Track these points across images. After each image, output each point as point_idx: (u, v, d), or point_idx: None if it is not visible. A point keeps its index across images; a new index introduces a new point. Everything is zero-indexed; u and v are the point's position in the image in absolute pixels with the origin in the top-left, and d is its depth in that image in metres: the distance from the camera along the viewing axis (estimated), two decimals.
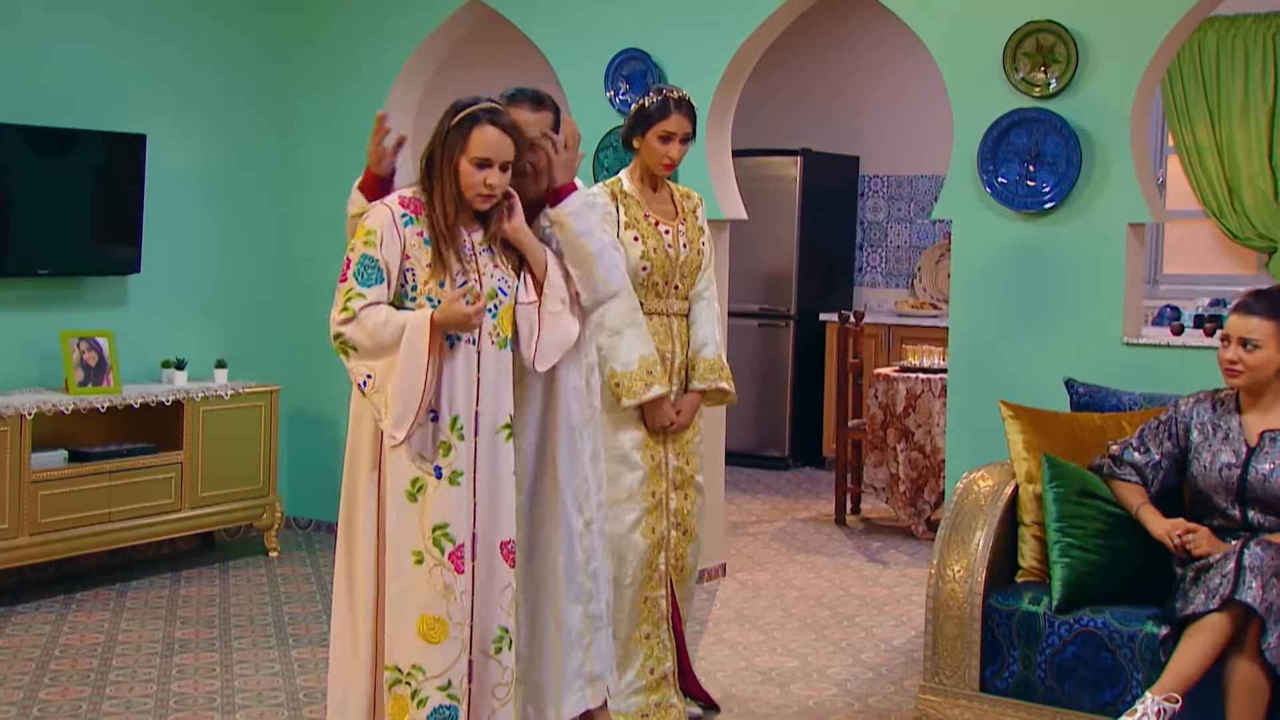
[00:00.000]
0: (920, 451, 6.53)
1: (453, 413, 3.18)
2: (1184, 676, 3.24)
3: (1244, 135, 7.49)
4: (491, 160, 3.16)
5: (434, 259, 3.16)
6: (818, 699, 4.33)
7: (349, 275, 3.14)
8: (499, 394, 3.25)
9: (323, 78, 6.47)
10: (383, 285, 3.13)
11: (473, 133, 3.16)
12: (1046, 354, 4.91)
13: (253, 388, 6.01)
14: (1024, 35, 4.90)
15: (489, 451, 3.23)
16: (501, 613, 3.25)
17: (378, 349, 3.09)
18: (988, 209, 5.03)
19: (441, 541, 3.16)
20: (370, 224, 3.17)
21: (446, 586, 3.16)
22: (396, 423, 3.10)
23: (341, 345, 3.14)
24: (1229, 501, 3.56)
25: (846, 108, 8.92)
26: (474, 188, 3.18)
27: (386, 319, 3.10)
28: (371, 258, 3.14)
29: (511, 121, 3.22)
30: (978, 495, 3.82)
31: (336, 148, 6.40)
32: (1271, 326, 3.50)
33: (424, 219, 3.19)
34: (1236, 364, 3.52)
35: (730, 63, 5.55)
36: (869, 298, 8.93)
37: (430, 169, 3.21)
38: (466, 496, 3.19)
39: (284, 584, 5.64)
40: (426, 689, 3.16)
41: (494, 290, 3.23)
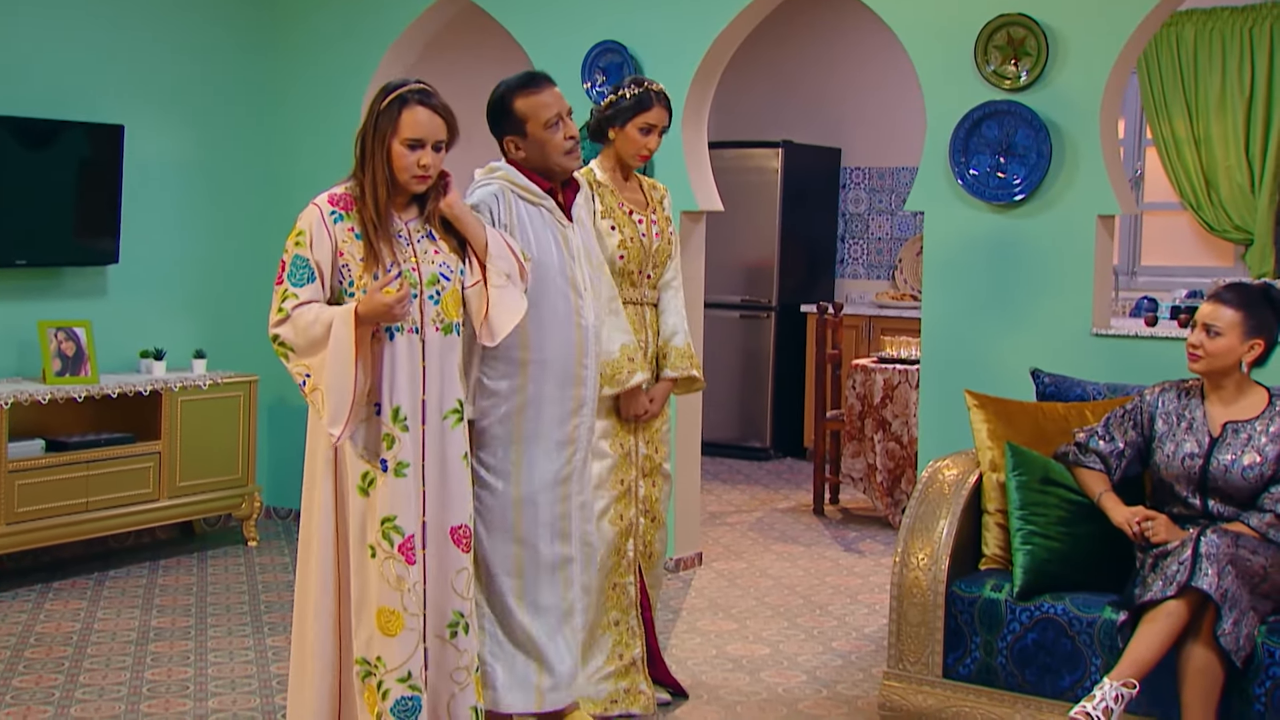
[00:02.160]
0: (897, 442, 6.56)
1: (394, 404, 3.18)
2: (1141, 662, 3.28)
3: (1221, 128, 7.52)
4: (424, 140, 3.17)
5: (366, 252, 3.16)
6: (787, 686, 4.37)
7: (283, 277, 3.17)
8: (445, 380, 3.26)
9: (302, 69, 6.49)
10: (315, 284, 3.15)
11: (403, 114, 3.17)
12: (1017, 344, 4.94)
13: (231, 378, 6.03)
14: (995, 28, 4.93)
15: (436, 438, 3.24)
16: (457, 598, 3.28)
17: (310, 347, 3.11)
18: (959, 201, 5.06)
19: (390, 534, 3.18)
20: (300, 225, 3.20)
21: (398, 578, 3.18)
22: (331, 420, 3.10)
23: (279, 347, 3.17)
24: (1190, 491, 3.60)
25: (828, 100, 8.94)
26: (408, 169, 3.18)
27: (316, 316, 3.11)
28: (303, 258, 3.16)
29: (443, 102, 3.24)
30: (942, 484, 3.86)
31: (316, 138, 6.42)
32: (1237, 317, 3.54)
33: (355, 214, 3.18)
34: (1198, 348, 3.56)
35: (706, 55, 5.58)
36: (850, 289, 8.97)
37: (363, 156, 3.21)
38: (414, 487, 3.21)
39: (262, 573, 5.67)
40: (388, 681, 3.19)
41: (435, 276, 3.23)
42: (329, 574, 3.23)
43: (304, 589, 3.27)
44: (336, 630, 3.25)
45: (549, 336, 3.53)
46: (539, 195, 3.58)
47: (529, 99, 3.55)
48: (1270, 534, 3.43)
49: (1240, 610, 3.26)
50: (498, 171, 3.60)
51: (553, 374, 3.54)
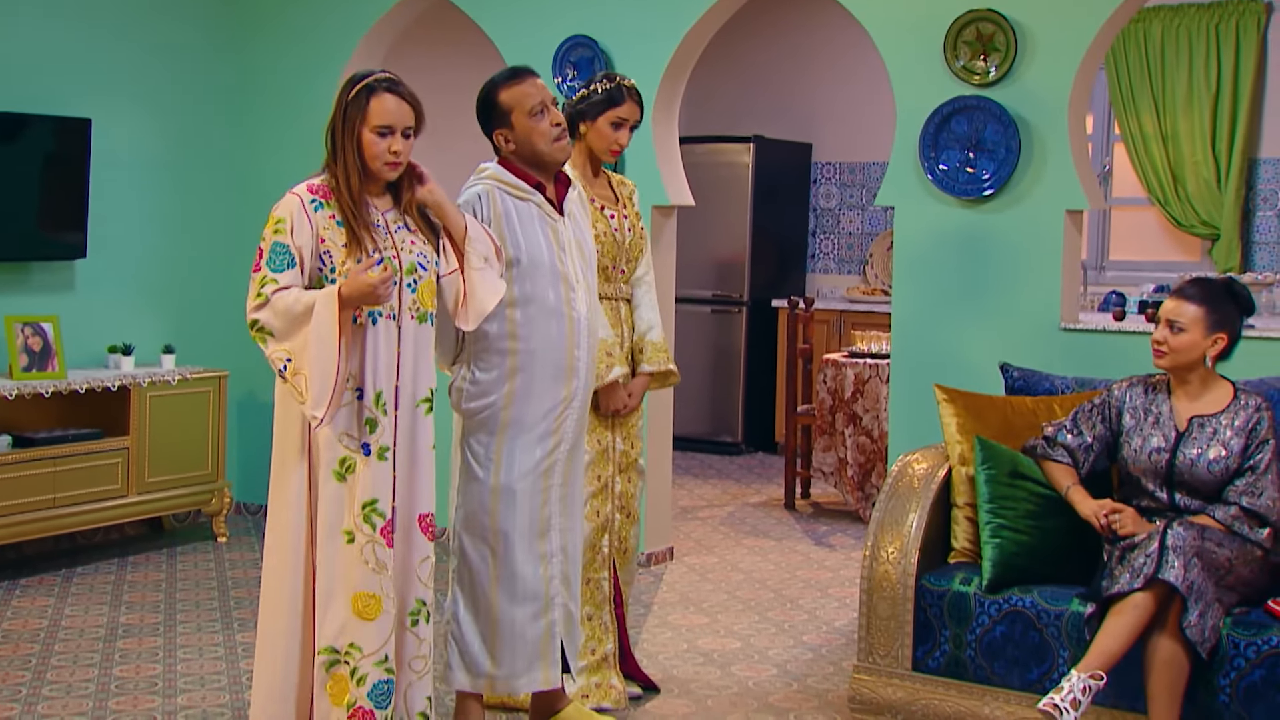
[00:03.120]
0: (868, 436, 6.59)
1: (376, 388, 3.22)
2: (1108, 654, 3.30)
3: (1188, 124, 7.58)
4: (393, 127, 3.21)
5: (349, 238, 3.19)
6: (757, 680, 4.38)
7: (261, 264, 3.19)
8: (419, 368, 3.30)
9: (271, 63, 6.45)
10: (295, 270, 3.17)
11: (371, 102, 3.21)
12: (986, 338, 4.97)
13: (200, 373, 6.00)
14: (965, 24, 4.95)
15: (408, 425, 3.27)
16: (420, 585, 3.31)
17: (290, 329, 3.13)
18: (929, 196, 5.08)
19: (372, 517, 3.20)
20: (280, 212, 3.23)
21: (380, 562, 3.20)
22: (315, 402, 3.12)
23: (258, 332, 3.17)
24: (1157, 484, 3.62)
25: (799, 95, 8.96)
26: (379, 157, 3.21)
27: (296, 298, 3.14)
28: (282, 244, 3.18)
29: (409, 89, 3.27)
30: (912, 478, 3.87)
31: (286, 133, 6.39)
32: (1200, 312, 3.56)
33: (334, 202, 3.22)
34: (1162, 344, 3.59)
35: (677, 49, 5.58)
36: (821, 284, 8.99)
37: (334, 146, 3.24)
38: (390, 471, 3.24)
39: (231, 569, 5.64)
40: (365, 666, 3.19)
41: (413, 265, 3.28)
42: (302, 564, 3.23)
43: (276, 580, 3.26)
44: (308, 621, 3.25)
45: (538, 328, 3.56)
46: (527, 191, 3.61)
47: (512, 90, 3.60)
48: (1235, 527, 3.46)
49: (1206, 602, 3.29)
50: (485, 172, 3.64)
51: (543, 365, 3.57)
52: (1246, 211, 7.58)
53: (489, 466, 3.56)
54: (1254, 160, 7.56)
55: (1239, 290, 3.63)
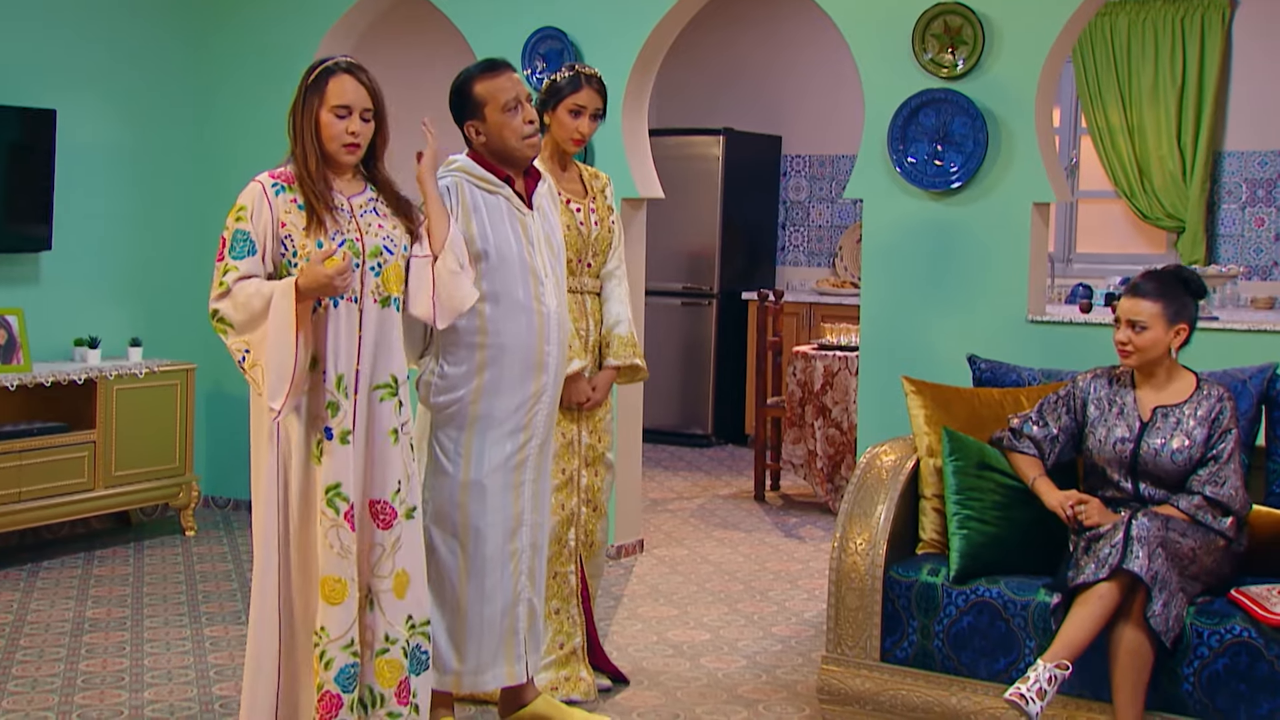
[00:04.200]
0: (837, 428, 6.61)
1: (338, 372, 3.21)
2: (1074, 644, 3.33)
3: (1154, 117, 7.63)
4: (351, 107, 3.21)
5: (309, 221, 3.19)
6: (726, 671, 4.39)
7: (224, 252, 3.19)
8: (380, 353, 3.27)
9: (238, 56, 6.41)
10: (255, 257, 3.17)
11: (329, 83, 3.22)
12: (954, 331, 4.99)
13: (167, 366, 5.96)
14: (933, 16, 4.97)
15: (365, 410, 3.25)
16: (369, 573, 3.29)
17: (249, 321, 3.14)
18: (897, 188, 5.10)
19: (336, 501, 3.20)
20: (241, 200, 3.23)
21: (345, 547, 3.20)
22: (271, 394, 3.12)
23: (219, 323, 3.18)
24: (1122, 475, 3.65)
25: (769, 87, 8.97)
26: (337, 138, 3.22)
27: (256, 289, 3.14)
28: (243, 232, 3.19)
29: (370, 75, 3.28)
30: (880, 469, 3.89)
31: (252, 124, 6.36)
32: (1158, 308, 3.59)
33: (296, 187, 3.22)
34: (1127, 345, 3.61)
35: (647, 41, 5.57)
36: (791, 277, 9.01)
37: (294, 129, 3.25)
38: (352, 455, 3.22)
39: (199, 563, 5.62)
40: (332, 650, 3.20)
41: (378, 248, 3.26)
42: (276, 549, 3.23)
43: (260, 567, 3.26)
44: (289, 604, 3.25)
45: (507, 322, 3.56)
46: (496, 184, 3.61)
47: (488, 83, 3.59)
48: (1199, 516, 3.49)
49: (1170, 592, 3.32)
50: (454, 164, 3.63)
51: (512, 359, 3.57)
52: (1211, 204, 7.64)
53: (458, 461, 3.56)
54: (1218, 153, 7.62)
55: (1189, 277, 3.66)
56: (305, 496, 3.21)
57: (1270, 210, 7.52)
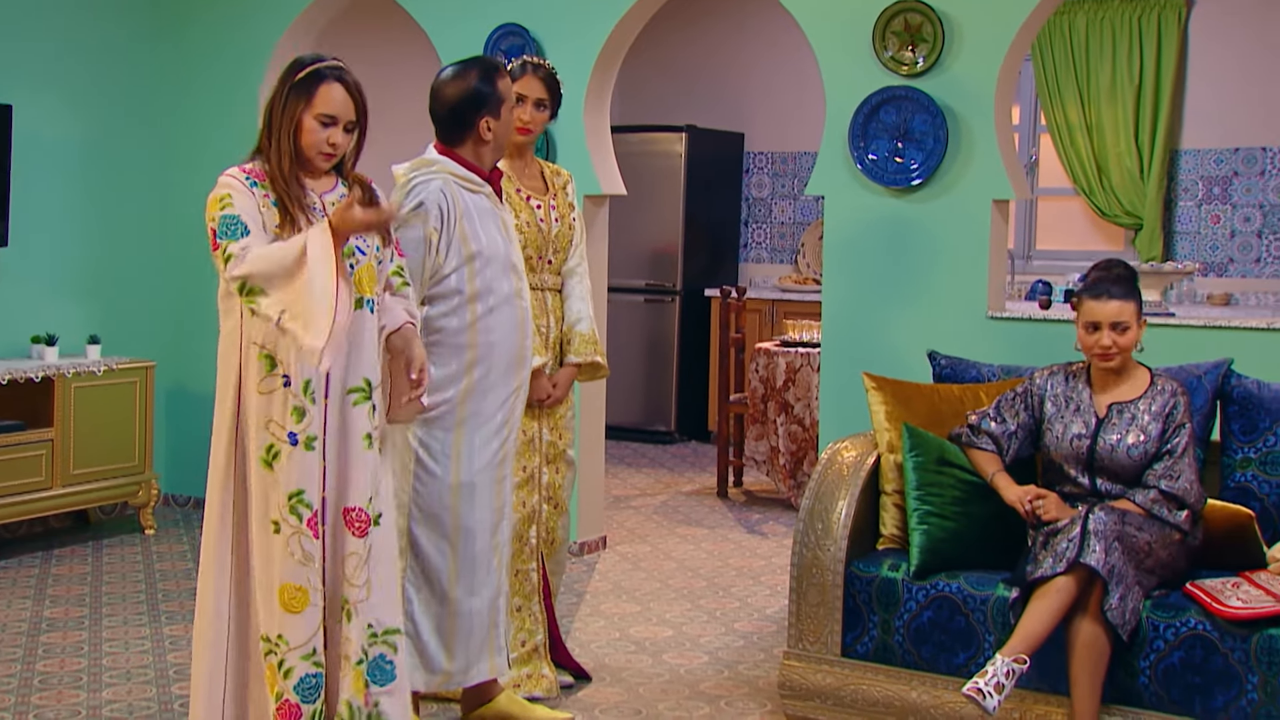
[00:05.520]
0: (800, 424, 6.63)
1: (304, 376, 3.10)
2: (1032, 637, 3.35)
3: (1112, 115, 7.70)
4: (337, 118, 3.13)
5: (282, 219, 3.10)
6: (689, 667, 4.40)
7: (216, 240, 3.07)
8: (352, 356, 3.16)
9: (198, 50, 6.37)
10: (250, 235, 3.04)
11: (319, 89, 3.13)
12: (914, 327, 5.02)
13: (126, 364, 5.92)
14: (893, 14, 4.99)
15: (337, 414, 3.15)
16: (345, 582, 3.21)
17: (284, 274, 2.97)
18: (859, 185, 5.12)
19: (298, 508, 3.11)
20: (220, 191, 3.11)
21: (306, 554, 3.11)
22: (316, 333, 2.94)
23: (248, 293, 3.00)
24: (1079, 470, 3.68)
25: (731, 84, 8.99)
26: (316, 146, 3.14)
27: (279, 245, 3.01)
28: (232, 215, 3.06)
29: (357, 82, 3.18)
30: (841, 465, 3.91)
31: (212, 120, 6.32)
32: (1132, 306, 3.63)
33: (267, 184, 3.14)
34: (1112, 348, 3.63)
35: (609, 38, 5.57)
36: (754, 273, 9.03)
37: (270, 127, 3.15)
38: (318, 461, 3.13)
39: (159, 561, 5.58)
40: (291, 659, 3.13)
41: (351, 249, 3.16)
42: (228, 552, 3.17)
43: (205, 567, 3.21)
44: (234, 607, 3.18)
45: (497, 321, 3.60)
46: (478, 183, 3.65)
47: (507, 81, 3.69)
48: (1155, 510, 3.53)
49: (1126, 585, 3.35)
50: (435, 165, 3.61)
51: (499, 356, 3.61)
52: (1168, 201, 7.71)
53: (446, 463, 3.55)
54: (1175, 151, 7.70)
55: (1132, 269, 3.73)
56: (258, 502, 3.11)
57: (1226, 208, 7.60)
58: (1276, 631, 3.26)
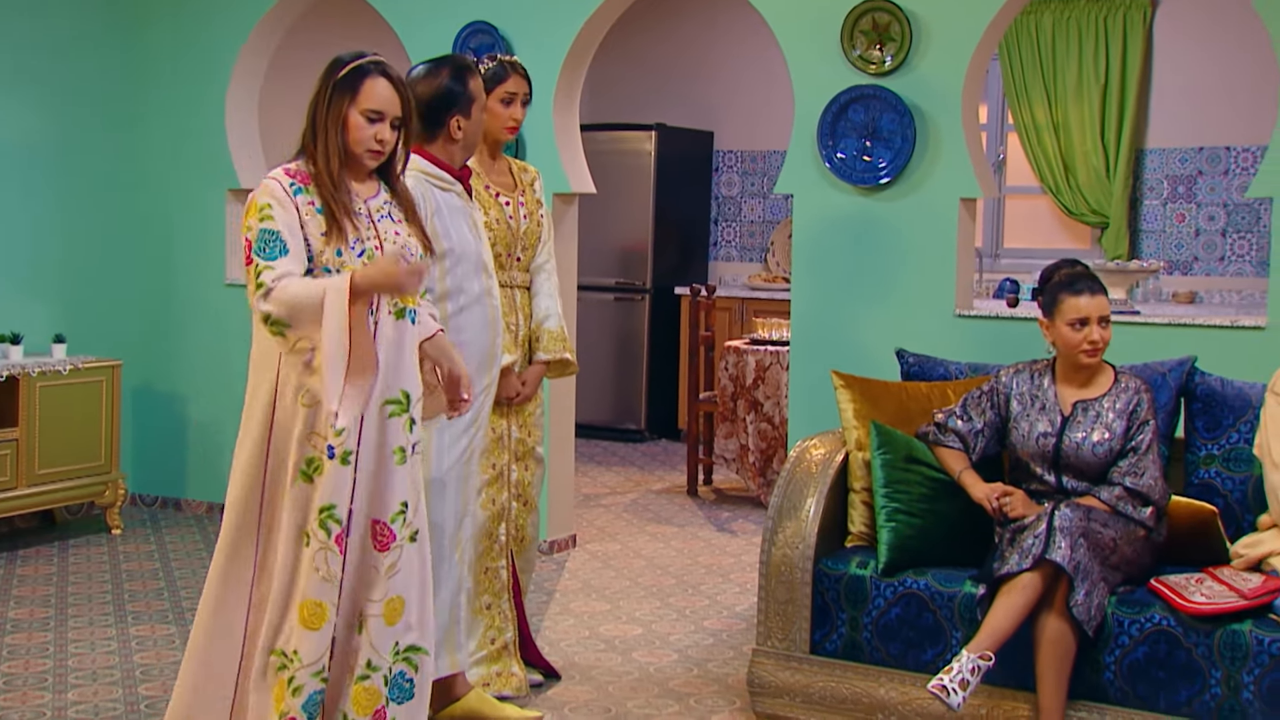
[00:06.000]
0: (769, 422, 6.65)
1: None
2: (998, 633, 3.37)
3: (1078, 114, 7.75)
4: (383, 114, 3.05)
5: (329, 225, 3.01)
6: (658, 665, 4.41)
7: (251, 254, 2.97)
8: (392, 367, 3.07)
9: (164, 45, 6.33)
10: (289, 256, 2.97)
11: (364, 84, 3.05)
12: (883, 325, 5.04)
13: (92, 363, 5.88)
14: (861, 13, 5.01)
15: (373, 427, 3.05)
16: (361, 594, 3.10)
17: (305, 321, 2.93)
18: (827, 183, 5.14)
19: (328, 523, 3.01)
20: (261, 199, 3.01)
21: (330, 571, 3.01)
22: (329, 392, 2.93)
23: (272, 326, 2.96)
24: (1045, 468, 3.71)
25: (701, 83, 8.99)
26: (364, 143, 3.05)
27: (305, 288, 2.93)
28: (271, 230, 2.98)
29: (401, 76, 3.11)
30: (809, 463, 3.92)
31: (179, 118, 6.28)
32: (1107, 300, 3.68)
33: (312, 188, 3.04)
34: (1100, 342, 3.66)
35: (578, 36, 5.57)
36: (724, 272, 9.04)
37: (315, 127, 3.06)
38: (349, 476, 3.03)
39: (126, 562, 5.54)
40: (302, 676, 3.01)
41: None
42: (246, 566, 3.06)
43: (223, 574, 3.09)
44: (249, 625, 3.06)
45: (467, 320, 3.63)
46: (449, 181, 3.68)
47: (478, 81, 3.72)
48: (1120, 507, 3.55)
49: (1092, 581, 3.38)
50: None
51: (470, 354, 3.63)
52: (1134, 200, 7.77)
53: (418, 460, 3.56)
54: (1141, 151, 7.75)
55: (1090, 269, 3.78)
56: (291, 514, 3.00)
57: (1191, 206, 7.66)
58: (1240, 627, 3.29)
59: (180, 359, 6.35)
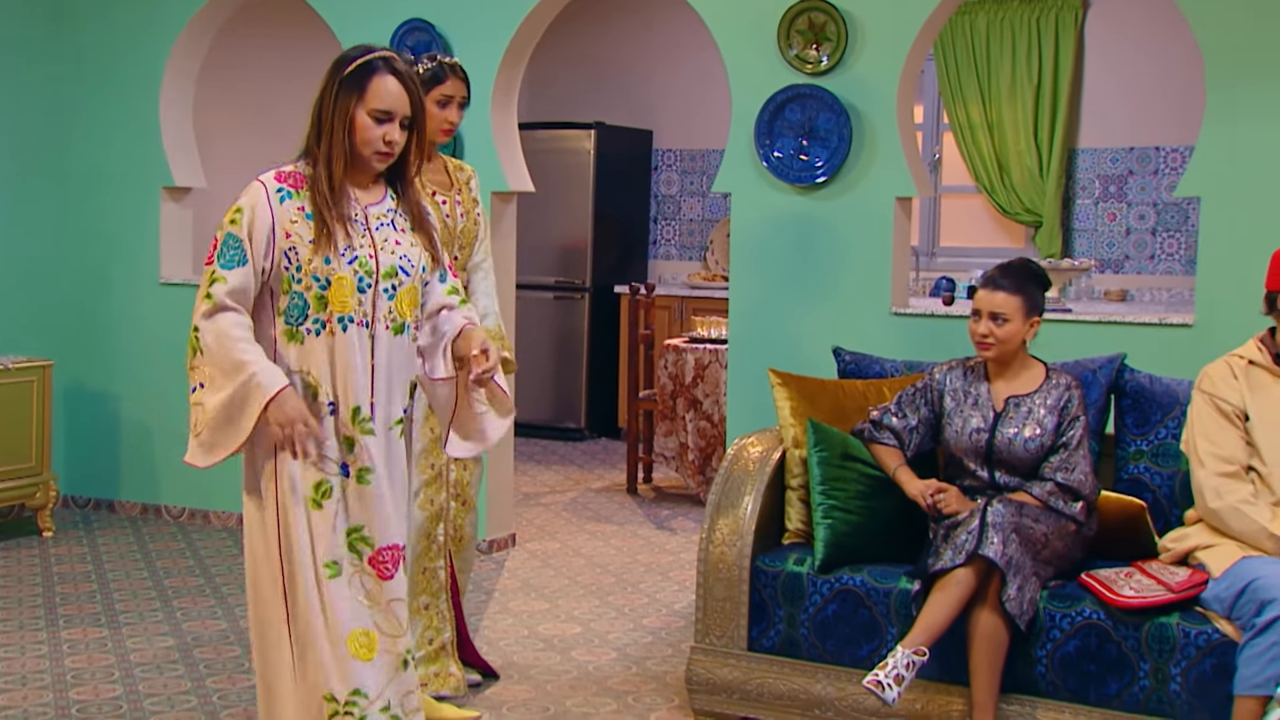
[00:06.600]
0: (708, 420, 6.67)
1: (353, 403, 2.89)
2: (932, 629, 3.41)
3: (1012, 114, 7.84)
4: (393, 113, 2.88)
5: (317, 232, 2.85)
6: (597, 663, 4.41)
7: (213, 257, 2.83)
8: (393, 385, 2.95)
9: (96, 44, 6.24)
10: (247, 268, 2.82)
11: (371, 82, 2.88)
12: (820, 323, 5.07)
13: (23, 363, 5.79)
14: (797, 13, 5.04)
15: (383, 447, 2.94)
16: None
17: (218, 373, 2.81)
18: (765, 183, 5.17)
19: (359, 546, 2.87)
20: (241, 201, 2.87)
21: (369, 594, 2.87)
22: (202, 452, 2.84)
23: (194, 339, 2.84)
24: (978, 464, 3.75)
25: (639, 82, 9.01)
26: (372, 144, 2.89)
27: (240, 352, 2.80)
28: (235, 237, 2.83)
29: (410, 71, 2.96)
30: (746, 461, 3.94)
31: (111, 116, 6.20)
32: (1017, 301, 3.69)
33: (305, 192, 2.88)
34: (988, 337, 3.70)
35: (516, 34, 5.56)
36: (663, 270, 9.06)
37: (319, 127, 2.90)
38: (373, 495, 2.90)
39: (57, 564, 5.47)
40: (372, 714, 2.85)
41: (393, 269, 2.92)
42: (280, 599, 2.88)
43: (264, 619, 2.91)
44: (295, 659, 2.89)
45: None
46: None
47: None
48: (1051, 502, 3.60)
49: (1024, 576, 3.42)
50: None
51: None
52: (1067, 199, 7.87)
53: None
54: (1073, 150, 7.86)
55: (1039, 270, 3.79)
56: (307, 546, 2.84)
57: (1122, 205, 7.77)
58: (1167, 620, 3.35)
59: (113, 358, 6.27)
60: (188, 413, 2.92)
